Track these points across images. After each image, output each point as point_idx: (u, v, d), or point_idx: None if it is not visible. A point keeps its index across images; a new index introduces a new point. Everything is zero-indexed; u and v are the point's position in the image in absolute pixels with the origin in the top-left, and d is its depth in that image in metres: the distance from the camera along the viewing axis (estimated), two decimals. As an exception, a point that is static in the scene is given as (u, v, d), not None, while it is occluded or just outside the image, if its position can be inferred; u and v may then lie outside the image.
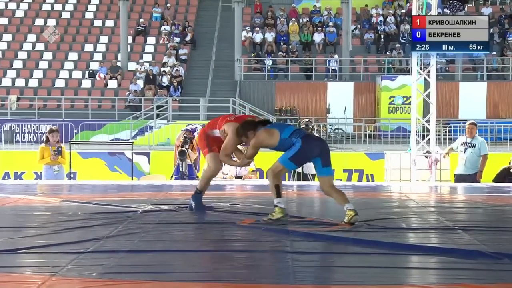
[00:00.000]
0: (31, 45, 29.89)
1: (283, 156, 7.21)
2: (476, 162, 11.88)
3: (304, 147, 7.10)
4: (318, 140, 7.48)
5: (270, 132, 7.27)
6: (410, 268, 5.41)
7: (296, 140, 7.13)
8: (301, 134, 7.25)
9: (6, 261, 5.33)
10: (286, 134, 7.19)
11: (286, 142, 7.18)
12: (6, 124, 23.00)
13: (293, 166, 7.35)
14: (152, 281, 4.77)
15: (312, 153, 7.17)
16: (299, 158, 7.17)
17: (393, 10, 31.57)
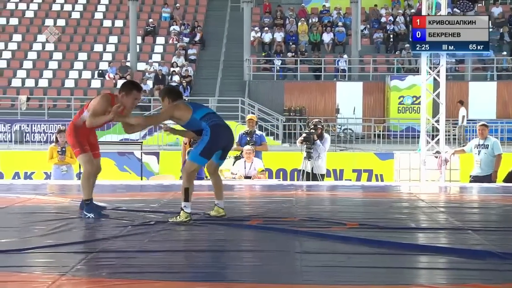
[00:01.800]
0: (41, 45, 30.00)
1: (193, 153, 7.17)
2: (491, 163, 11.83)
3: (213, 140, 7.05)
4: (227, 131, 7.32)
5: (184, 107, 7.20)
6: (419, 268, 5.39)
7: (206, 128, 7.06)
8: (212, 120, 7.14)
9: (16, 261, 5.36)
10: (198, 115, 7.11)
11: (195, 123, 7.11)
12: (16, 124, 23.08)
13: (204, 161, 7.24)
14: (161, 281, 4.78)
15: (219, 145, 7.18)
16: (209, 151, 7.12)
17: (403, 9, 31.50)
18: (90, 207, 7.27)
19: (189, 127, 7.22)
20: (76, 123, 7.26)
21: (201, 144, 7.08)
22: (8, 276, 4.85)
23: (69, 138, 7.34)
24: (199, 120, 7.08)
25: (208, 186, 11.01)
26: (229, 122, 24.77)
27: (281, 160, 16.98)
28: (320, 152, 12.73)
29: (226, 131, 7.27)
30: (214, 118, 7.21)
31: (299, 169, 13.19)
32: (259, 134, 13.20)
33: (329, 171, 16.01)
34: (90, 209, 7.26)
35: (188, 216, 7.01)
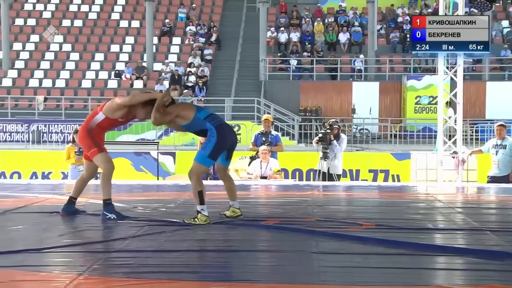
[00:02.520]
0: (58, 46, 30.18)
1: (201, 155, 7.09)
2: (509, 163, 11.75)
3: (220, 141, 7.03)
4: (231, 131, 7.33)
5: (188, 106, 7.29)
6: (436, 269, 5.37)
7: (211, 129, 7.02)
8: (216, 121, 7.11)
9: (34, 260, 5.39)
10: (201, 115, 7.08)
11: (198, 123, 7.06)
12: (34, 124, 23.22)
13: (212, 163, 7.24)
14: (178, 281, 4.79)
15: (225, 145, 7.14)
16: (217, 152, 7.10)
17: (419, 9, 31.35)
18: (111, 207, 7.23)
19: (191, 127, 7.13)
20: (90, 125, 7.21)
21: (209, 146, 7.01)
22: (26, 275, 4.89)
23: (84, 140, 7.23)
24: (203, 120, 7.05)
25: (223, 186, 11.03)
26: (245, 122, 24.89)
27: (297, 160, 16.96)
28: (336, 152, 12.71)
29: (231, 131, 7.31)
30: (217, 118, 7.22)
31: (315, 169, 13.17)
32: (275, 134, 13.19)
33: (345, 171, 15.96)
34: (111, 209, 7.22)
35: (207, 219, 7.00)
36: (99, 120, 7.18)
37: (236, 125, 23.40)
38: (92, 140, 7.20)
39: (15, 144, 22.73)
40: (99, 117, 7.18)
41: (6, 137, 23.91)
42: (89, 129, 7.20)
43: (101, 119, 7.18)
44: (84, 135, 7.23)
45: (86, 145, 7.23)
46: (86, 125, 7.24)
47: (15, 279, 4.79)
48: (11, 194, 9.54)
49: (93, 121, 7.19)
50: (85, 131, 7.22)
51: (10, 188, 10.36)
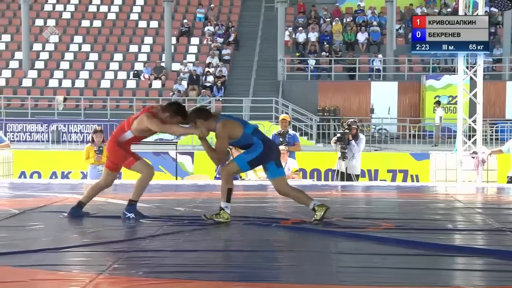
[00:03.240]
0: (77, 46, 30.36)
1: (242, 158, 7.05)
2: (530, 164, 11.66)
3: (266, 152, 6.99)
4: (275, 145, 7.38)
5: (234, 124, 7.06)
6: (456, 269, 5.34)
7: (258, 142, 6.99)
8: (262, 135, 7.14)
9: (54, 259, 5.43)
10: (248, 129, 7.04)
11: (247, 139, 7.01)
12: (53, 124, 23.38)
13: (248, 168, 7.24)
14: (196, 281, 4.80)
15: (270, 157, 7.06)
16: (258, 162, 7.08)
17: (438, 8, 31.18)
18: (133, 207, 7.25)
19: (239, 142, 7.11)
20: (118, 140, 7.22)
21: (253, 153, 6.99)
22: (46, 274, 4.92)
23: (117, 153, 7.22)
24: (251, 135, 7.02)
25: (242, 186, 11.06)
26: (263, 122, 24.92)
27: (315, 160, 16.94)
28: (354, 152, 12.67)
29: (275, 145, 7.39)
30: (261, 132, 7.27)
31: (333, 170, 13.14)
32: (292, 134, 13.17)
33: (364, 172, 15.91)
34: (132, 209, 7.23)
35: (228, 217, 7.00)
36: (127, 138, 7.22)
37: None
38: (125, 151, 7.25)
39: (35, 144, 22.89)
40: (128, 135, 7.20)
41: (26, 137, 24.08)
42: (119, 143, 7.23)
43: (130, 137, 7.21)
44: (116, 148, 7.24)
45: (120, 156, 7.24)
46: (115, 140, 7.23)
47: (34, 278, 4.83)
48: (31, 194, 9.63)
49: (123, 136, 7.21)
50: (116, 145, 7.23)
51: (30, 188, 10.45)
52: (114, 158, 7.31)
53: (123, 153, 7.23)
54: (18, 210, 7.75)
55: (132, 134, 7.18)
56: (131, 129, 7.17)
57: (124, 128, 7.21)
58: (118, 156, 7.25)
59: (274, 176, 7.14)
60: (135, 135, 7.20)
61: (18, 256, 5.47)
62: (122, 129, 7.24)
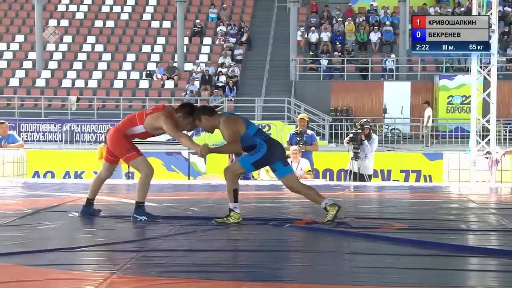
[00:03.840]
0: (91, 46, 30.48)
1: (246, 159, 6.98)
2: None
3: (269, 153, 6.93)
4: (279, 143, 7.26)
5: (237, 120, 6.99)
6: (470, 270, 5.31)
7: (261, 143, 6.94)
8: (265, 136, 7.07)
9: (67, 259, 5.45)
10: (251, 130, 6.98)
11: (249, 139, 6.94)
12: (67, 124, 23.49)
13: (253, 169, 7.18)
14: (209, 280, 4.80)
15: (275, 158, 7.02)
16: (262, 163, 7.05)
17: (452, 8, 31.05)
18: (142, 209, 7.19)
19: (241, 143, 7.01)
20: (126, 132, 7.14)
21: (257, 154, 6.94)
22: (60, 274, 4.94)
23: (121, 144, 7.13)
24: (253, 137, 6.96)
25: (255, 186, 11.07)
26: (275, 122, 24.85)
27: (327, 160, 16.89)
28: (367, 152, 12.65)
29: (279, 145, 7.24)
30: (265, 133, 7.20)
31: (346, 170, 13.11)
32: (310, 133, 13.18)
33: (376, 172, 15.85)
34: (142, 211, 7.18)
35: (239, 216, 7.00)
36: (137, 132, 7.15)
37: (267, 125, 23.41)
38: (130, 144, 7.18)
39: (48, 144, 23.00)
40: (139, 129, 7.12)
41: (40, 137, 24.22)
42: (126, 135, 7.15)
43: (141, 131, 7.15)
44: (121, 139, 7.15)
45: (123, 148, 7.14)
46: (123, 131, 7.15)
47: (49, 278, 4.85)
48: (45, 194, 9.68)
49: (131, 130, 7.14)
50: (122, 136, 7.15)
51: (43, 188, 10.50)
52: (116, 149, 7.19)
53: (126, 146, 7.14)
54: (31, 210, 7.79)
55: (144, 129, 7.11)
56: (144, 124, 7.08)
57: (136, 122, 7.13)
58: (121, 148, 7.14)
59: (283, 175, 7.12)
60: (147, 131, 7.15)
61: (32, 255, 5.50)
62: (133, 122, 7.15)
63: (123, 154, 7.16)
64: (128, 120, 7.20)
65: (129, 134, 7.16)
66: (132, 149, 7.16)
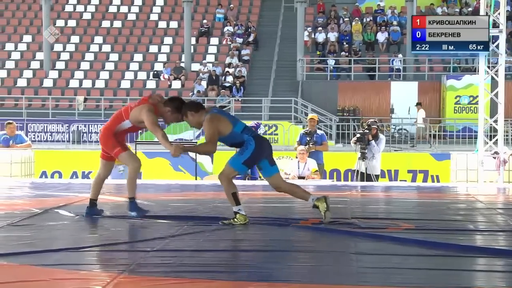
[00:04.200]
0: (98, 46, 30.54)
1: (236, 160, 6.95)
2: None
3: (258, 150, 6.91)
4: (266, 141, 7.22)
5: (221, 119, 6.95)
6: (477, 270, 5.30)
7: (249, 139, 6.92)
8: (252, 132, 7.05)
9: (74, 259, 5.46)
10: (238, 128, 6.96)
11: (236, 137, 6.94)
12: (74, 124, 23.54)
13: (245, 169, 7.14)
14: (216, 280, 4.81)
15: (263, 155, 7.00)
16: (252, 160, 6.98)
17: (459, 8, 30.98)
18: (134, 204, 7.30)
19: (228, 140, 7.03)
20: (116, 129, 7.23)
21: (246, 153, 6.92)
22: (67, 274, 4.95)
23: (108, 140, 7.24)
24: (241, 134, 6.95)
25: (262, 186, 11.05)
26: (282, 123, 24.81)
27: (335, 161, 16.89)
28: (374, 152, 12.64)
29: (267, 142, 7.20)
30: (252, 130, 7.18)
31: (353, 170, 13.10)
32: (320, 133, 13.19)
33: (384, 172, 15.85)
34: (134, 206, 7.29)
35: (245, 218, 6.99)
36: (125, 127, 7.23)
37: (274, 125, 23.41)
38: (116, 140, 7.24)
39: (55, 144, 23.05)
40: (126, 124, 7.20)
41: (47, 137, 24.27)
42: (115, 132, 7.24)
43: (128, 126, 7.22)
44: (109, 136, 7.24)
45: (110, 145, 7.25)
46: (112, 128, 7.24)
47: (56, 278, 4.86)
48: (52, 193, 9.70)
49: (120, 126, 7.22)
50: (111, 133, 7.24)
51: (51, 188, 10.53)
52: (105, 146, 7.30)
53: (113, 142, 7.22)
54: (39, 210, 7.81)
55: (131, 123, 7.18)
56: (130, 118, 7.15)
57: (122, 117, 7.20)
58: (108, 145, 7.24)
59: (269, 174, 7.09)
60: (133, 125, 7.22)
61: (39, 255, 5.52)
62: (120, 118, 7.22)
63: (111, 150, 7.24)
64: (116, 117, 7.26)
65: (118, 131, 7.23)
66: (118, 145, 7.21)
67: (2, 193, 9.86)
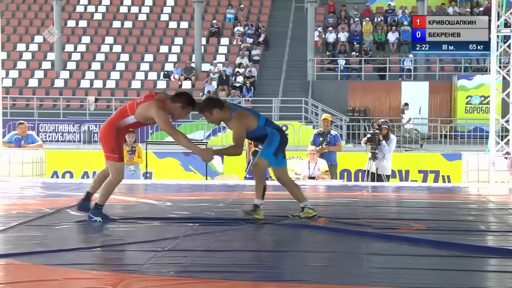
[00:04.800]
0: (109, 47, 30.62)
1: (267, 152, 7.06)
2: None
3: (282, 140, 7.11)
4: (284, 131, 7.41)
5: (247, 115, 7.07)
6: (488, 271, 5.29)
7: (272, 131, 7.07)
8: (274, 124, 7.23)
9: (87, 259, 5.49)
10: (262, 121, 7.10)
11: (261, 130, 7.06)
12: (85, 124, 23.62)
13: (274, 160, 7.18)
14: (227, 280, 4.81)
15: (284, 146, 7.18)
16: (279, 151, 7.12)
17: (470, 8, 30.87)
18: (99, 211, 7.06)
19: (253, 134, 7.13)
20: (119, 125, 6.94)
21: (274, 144, 7.07)
22: (79, 274, 4.97)
23: (109, 140, 6.94)
24: (264, 127, 7.10)
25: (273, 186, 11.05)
26: (293, 123, 24.77)
27: (345, 161, 16.88)
28: (385, 152, 12.61)
29: (286, 134, 7.41)
30: (273, 122, 7.37)
31: (363, 170, 13.08)
32: (334, 134, 13.18)
33: (395, 172, 15.82)
34: (99, 213, 7.06)
35: (262, 214, 7.08)
36: (128, 122, 6.96)
37: (284, 125, 23.39)
38: (117, 143, 6.96)
39: (67, 144, 23.14)
40: (130, 119, 6.92)
41: (58, 137, 24.35)
42: (118, 128, 6.94)
43: (132, 122, 6.96)
44: (111, 136, 6.95)
45: (109, 147, 6.94)
46: (115, 123, 6.95)
47: (68, 277, 4.88)
48: (63, 193, 9.74)
49: (123, 121, 6.94)
50: (113, 131, 6.94)
51: (62, 188, 10.57)
52: (103, 142, 6.99)
53: (113, 145, 6.92)
54: (51, 210, 7.84)
55: (135, 119, 6.89)
56: (135, 114, 6.86)
57: (127, 112, 6.91)
58: (108, 145, 6.92)
59: (278, 165, 7.17)
60: (138, 121, 6.93)
61: (51, 255, 5.54)
62: (124, 114, 6.94)
63: (108, 151, 6.95)
64: (120, 112, 7.00)
65: (121, 126, 6.95)
66: (117, 151, 6.95)
67: (14, 193, 9.91)
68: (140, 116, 6.88)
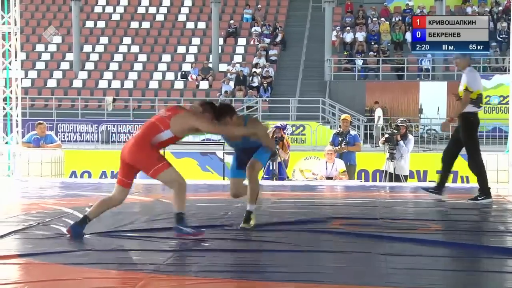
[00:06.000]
0: (127, 47, 30.76)
1: (264, 156, 6.98)
2: None
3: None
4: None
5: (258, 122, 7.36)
6: (507, 272, 5.24)
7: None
8: None
9: (106, 258, 5.51)
10: None
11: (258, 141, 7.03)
12: (103, 124, 23.73)
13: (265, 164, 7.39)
14: (245, 280, 4.83)
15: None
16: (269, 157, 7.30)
17: (489, 7, 30.67)
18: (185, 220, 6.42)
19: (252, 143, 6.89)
20: (152, 141, 6.34)
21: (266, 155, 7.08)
22: (98, 273, 5.00)
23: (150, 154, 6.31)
24: None
25: (290, 187, 11.05)
26: (310, 123, 24.69)
27: (363, 161, 16.81)
28: (403, 153, 12.56)
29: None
30: None
31: (381, 170, 13.04)
32: (353, 134, 13.16)
33: (412, 173, 15.74)
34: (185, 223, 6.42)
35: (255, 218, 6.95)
36: (165, 138, 6.38)
37: (301, 126, 23.38)
38: (157, 153, 6.39)
39: (85, 144, 23.27)
40: (166, 134, 6.36)
41: (77, 137, 24.51)
42: (152, 144, 6.35)
43: (168, 137, 6.39)
44: (147, 149, 6.31)
45: (153, 159, 6.31)
46: (148, 140, 6.34)
47: (87, 277, 4.91)
48: (82, 193, 9.80)
49: (158, 137, 6.35)
50: (149, 147, 6.32)
51: (80, 187, 10.64)
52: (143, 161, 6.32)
53: (156, 152, 6.36)
54: (70, 209, 7.89)
55: (172, 134, 6.35)
56: (171, 128, 6.33)
57: (159, 128, 6.33)
58: (149, 161, 6.30)
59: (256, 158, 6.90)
60: (175, 135, 6.39)
61: (70, 254, 5.58)
62: (157, 129, 6.34)
63: (153, 165, 6.29)
64: (149, 128, 6.39)
65: (155, 143, 6.36)
66: (163, 159, 6.41)
67: (33, 193, 9.99)
68: (178, 128, 6.36)
